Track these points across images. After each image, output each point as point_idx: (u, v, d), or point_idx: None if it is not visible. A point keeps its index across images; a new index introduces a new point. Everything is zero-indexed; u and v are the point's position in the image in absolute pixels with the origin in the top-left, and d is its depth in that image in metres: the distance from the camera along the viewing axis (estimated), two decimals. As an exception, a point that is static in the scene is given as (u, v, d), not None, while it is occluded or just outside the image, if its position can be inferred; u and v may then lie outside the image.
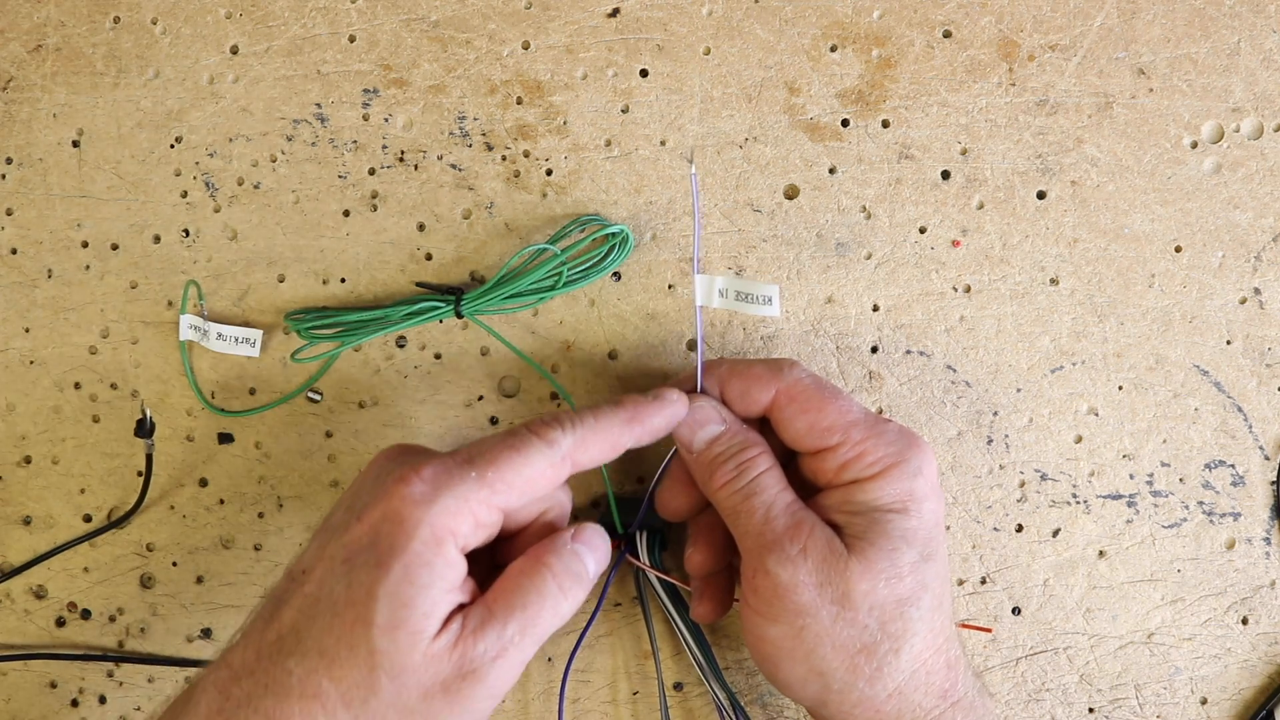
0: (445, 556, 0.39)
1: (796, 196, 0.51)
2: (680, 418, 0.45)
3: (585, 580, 0.42)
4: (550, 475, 0.41)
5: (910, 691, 0.42)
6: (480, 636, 0.39)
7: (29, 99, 0.53)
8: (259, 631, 0.40)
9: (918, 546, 0.42)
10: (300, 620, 0.39)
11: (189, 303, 0.52)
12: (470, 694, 0.39)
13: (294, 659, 0.39)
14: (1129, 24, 0.51)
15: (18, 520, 0.54)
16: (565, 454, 0.41)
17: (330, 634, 0.39)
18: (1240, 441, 0.51)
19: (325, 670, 0.38)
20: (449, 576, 0.39)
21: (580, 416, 0.43)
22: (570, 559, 0.42)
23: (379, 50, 0.52)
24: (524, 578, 0.41)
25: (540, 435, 0.41)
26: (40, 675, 0.53)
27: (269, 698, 0.38)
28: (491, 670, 0.39)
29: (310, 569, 0.40)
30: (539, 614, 0.40)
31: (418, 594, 0.38)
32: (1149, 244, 0.51)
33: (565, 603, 0.41)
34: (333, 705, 0.38)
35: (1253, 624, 0.51)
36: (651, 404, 0.44)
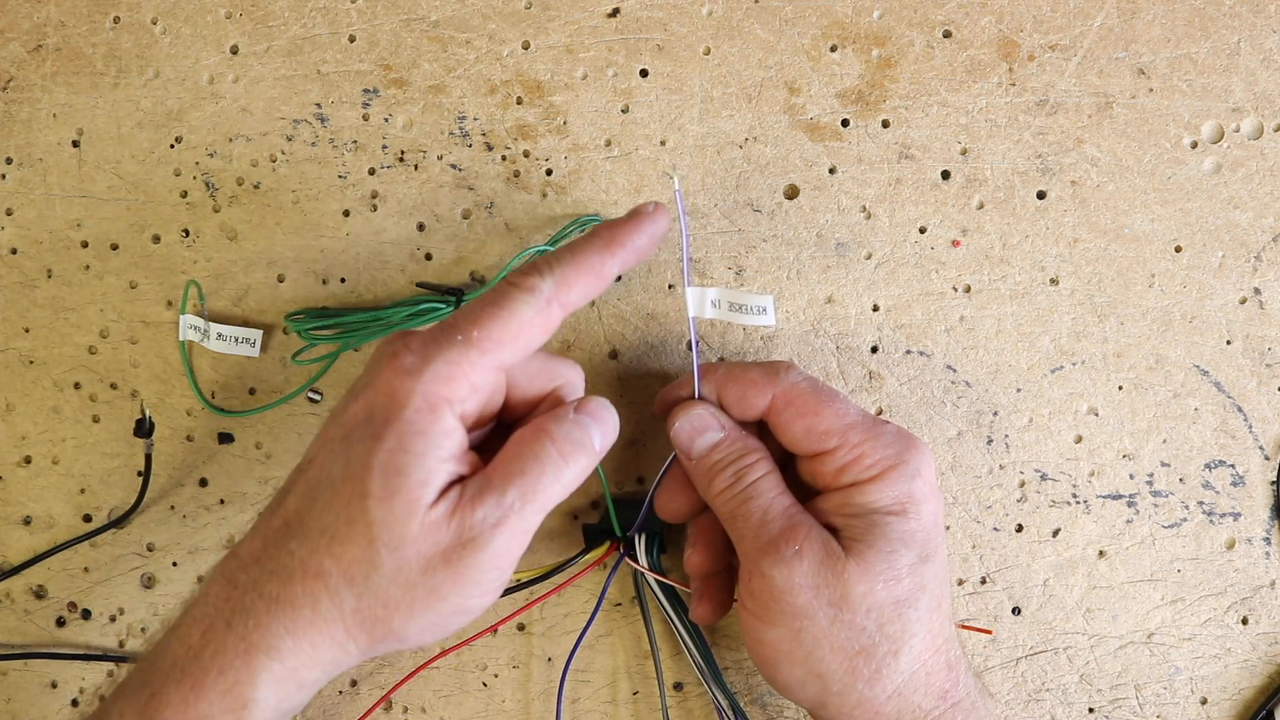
0: (441, 424, 0.39)
1: (796, 196, 0.51)
2: (662, 231, 0.43)
3: (588, 449, 0.41)
4: (539, 322, 0.40)
5: (910, 693, 0.42)
6: (479, 503, 0.38)
7: (29, 99, 0.53)
8: (265, 522, 0.40)
9: (916, 548, 0.42)
10: (303, 504, 0.39)
11: (189, 303, 0.52)
12: (472, 563, 0.38)
13: (296, 540, 0.39)
14: (1129, 24, 0.51)
15: (18, 520, 0.54)
16: (549, 296, 0.40)
17: (330, 511, 0.38)
18: (1240, 441, 0.51)
19: (326, 549, 0.38)
20: (446, 445, 0.39)
21: (558, 256, 0.42)
22: (572, 427, 0.41)
23: (379, 50, 0.52)
24: (524, 445, 0.40)
25: (519, 285, 0.40)
26: (40, 675, 0.54)
27: (273, 581, 0.38)
28: (493, 538, 0.38)
29: (313, 456, 0.40)
30: (539, 480, 0.39)
31: (412, 462, 0.38)
32: (1149, 244, 0.51)
33: (567, 469, 0.40)
34: (335, 583, 0.38)
35: (1253, 624, 0.51)
36: (627, 223, 0.43)
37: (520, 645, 0.52)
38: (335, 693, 0.52)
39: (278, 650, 0.38)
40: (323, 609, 0.38)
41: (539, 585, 0.50)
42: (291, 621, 0.38)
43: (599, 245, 0.42)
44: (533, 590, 0.51)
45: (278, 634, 0.38)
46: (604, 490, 0.50)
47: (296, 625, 0.38)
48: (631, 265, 0.43)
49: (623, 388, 0.52)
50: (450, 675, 0.52)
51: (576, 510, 0.52)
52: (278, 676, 0.38)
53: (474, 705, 0.52)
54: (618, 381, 0.52)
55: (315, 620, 0.38)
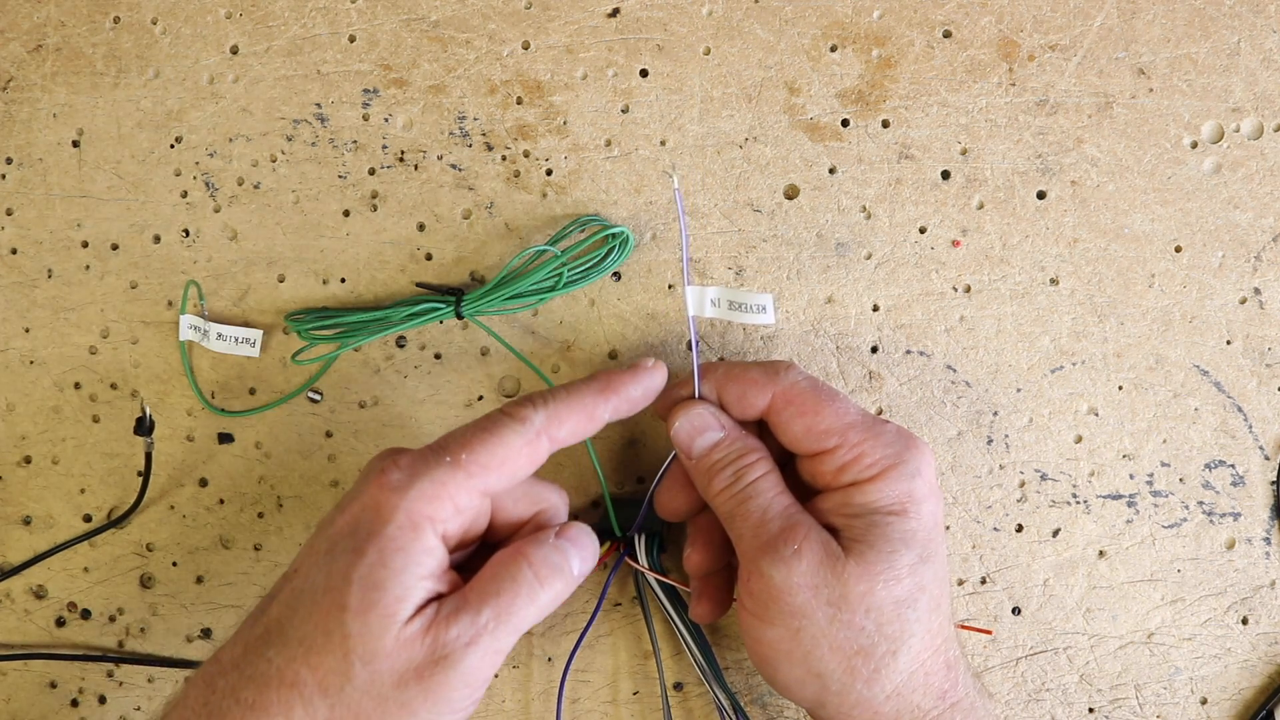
0: (422, 542, 0.39)
1: (796, 196, 0.51)
2: (659, 387, 0.45)
3: (566, 574, 0.42)
4: (527, 453, 0.41)
5: (909, 693, 0.42)
6: (453, 622, 0.39)
7: (29, 99, 0.53)
8: (248, 628, 0.41)
9: (916, 548, 0.42)
10: (284, 613, 0.40)
11: (189, 303, 0.52)
12: (444, 680, 0.39)
13: (274, 648, 0.39)
14: (1129, 24, 0.51)
15: (18, 520, 0.54)
16: (539, 430, 0.41)
17: (309, 622, 0.39)
18: (1240, 441, 0.51)
19: (303, 658, 0.39)
20: (426, 563, 0.39)
21: (553, 393, 0.43)
22: (551, 551, 0.42)
23: (379, 50, 0.52)
24: (501, 567, 0.41)
25: (512, 415, 0.42)
26: (40, 675, 0.54)
27: (250, 688, 0.39)
28: (465, 656, 0.39)
29: (299, 566, 0.41)
30: (514, 602, 0.40)
31: (390, 577, 0.39)
32: (1149, 244, 0.51)
33: (543, 593, 0.41)
34: (309, 693, 0.38)
35: (1253, 624, 0.51)
36: (625, 374, 0.44)
37: (520, 645, 0.52)
38: (335, 693, 0.52)
39: None
40: (295, 717, 0.38)
41: (539, 585, 0.50)
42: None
43: (595, 389, 0.43)
44: (533, 590, 0.51)
45: None
46: (603, 490, 0.50)
47: None
48: (623, 414, 0.44)
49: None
50: (450, 675, 0.52)
51: (576, 511, 0.52)
52: None
53: (474, 705, 0.52)
54: (618, 381, 0.52)
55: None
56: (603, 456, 0.52)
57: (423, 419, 0.52)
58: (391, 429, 0.52)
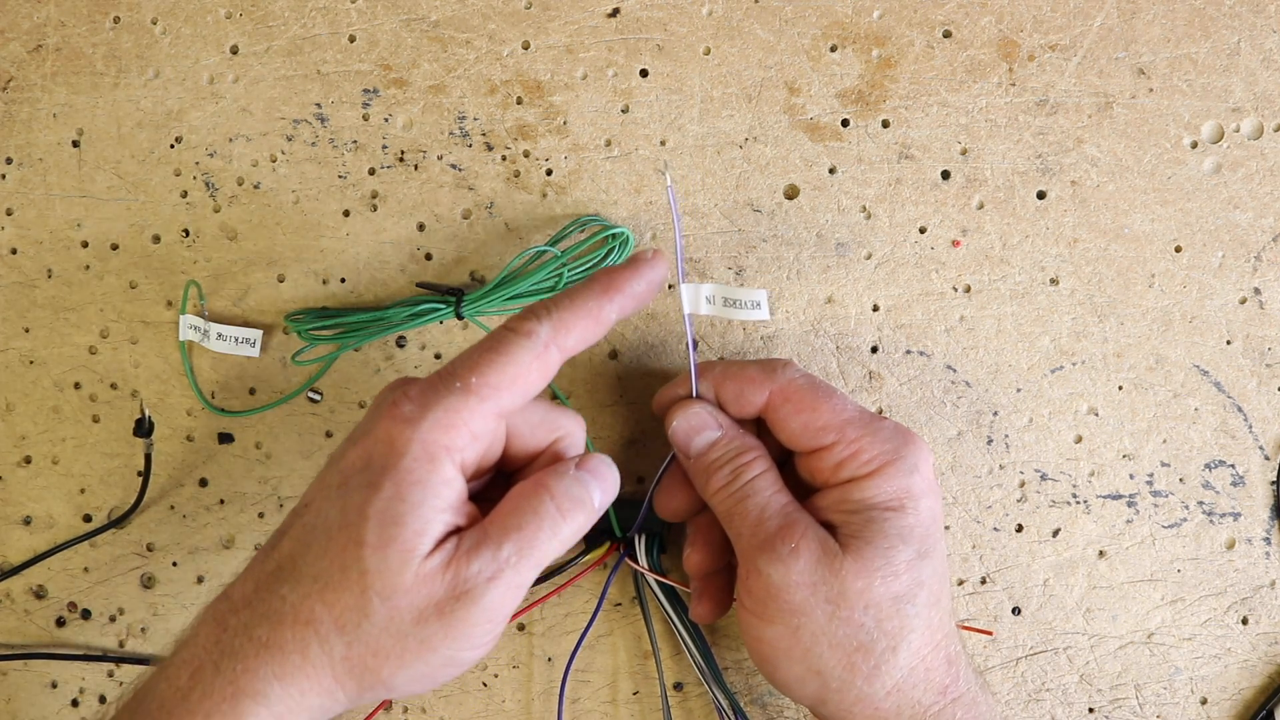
0: (440, 474, 0.38)
1: (796, 196, 0.51)
2: (661, 279, 0.43)
3: (588, 506, 0.41)
4: (537, 367, 0.40)
5: (909, 688, 0.42)
6: (474, 556, 0.38)
7: (29, 99, 0.53)
8: (259, 564, 0.40)
9: (914, 544, 0.42)
10: (297, 549, 0.39)
11: (189, 303, 0.52)
12: (465, 616, 0.38)
13: (288, 585, 0.38)
14: (1129, 24, 0.51)
15: (18, 520, 0.54)
16: (546, 341, 0.40)
17: (324, 558, 0.38)
18: (1240, 441, 0.51)
19: (318, 595, 0.38)
20: (444, 495, 0.39)
21: (555, 301, 0.41)
22: (572, 483, 0.41)
23: (379, 50, 0.52)
24: (522, 499, 0.40)
25: (517, 330, 0.40)
26: (40, 675, 0.53)
27: (263, 625, 0.38)
28: (486, 591, 0.38)
29: (310, 501, 0.40)
30: (536, 535, 0.39)
31: (409, 511, 0.38)
32: (1149, 244, 0.51)
33: (565, 526, 0.40)
34: (326, 630, 0.38)
35: (1253, 624, 0.51)
36: (626, 269, 0.43)
37: (520, 645, 0.52)
38: (335, 693, 0.52)
39: (265, 696, 0.38)
40: (312, 655, 0.38)
41: (539, 586, 0.50)
42: (280, 667, 0.38)
43: (597, 290, 0.42)
44: (533, 591, 0.51)
45: (265, 679, 0.38)
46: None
47: (285, 671, 0.38)
48: (630, 312, 0.43)
49: (622, 388, 0.52)
50: (450, 675, 0.52)
51: (576, 510, 0.52)
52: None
53: (474, 705, 0.52)
54: (617, 381, 0.52)
55: (304, 667, 0.38)
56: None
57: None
58: (391, 429, 0.52)
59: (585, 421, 0.45)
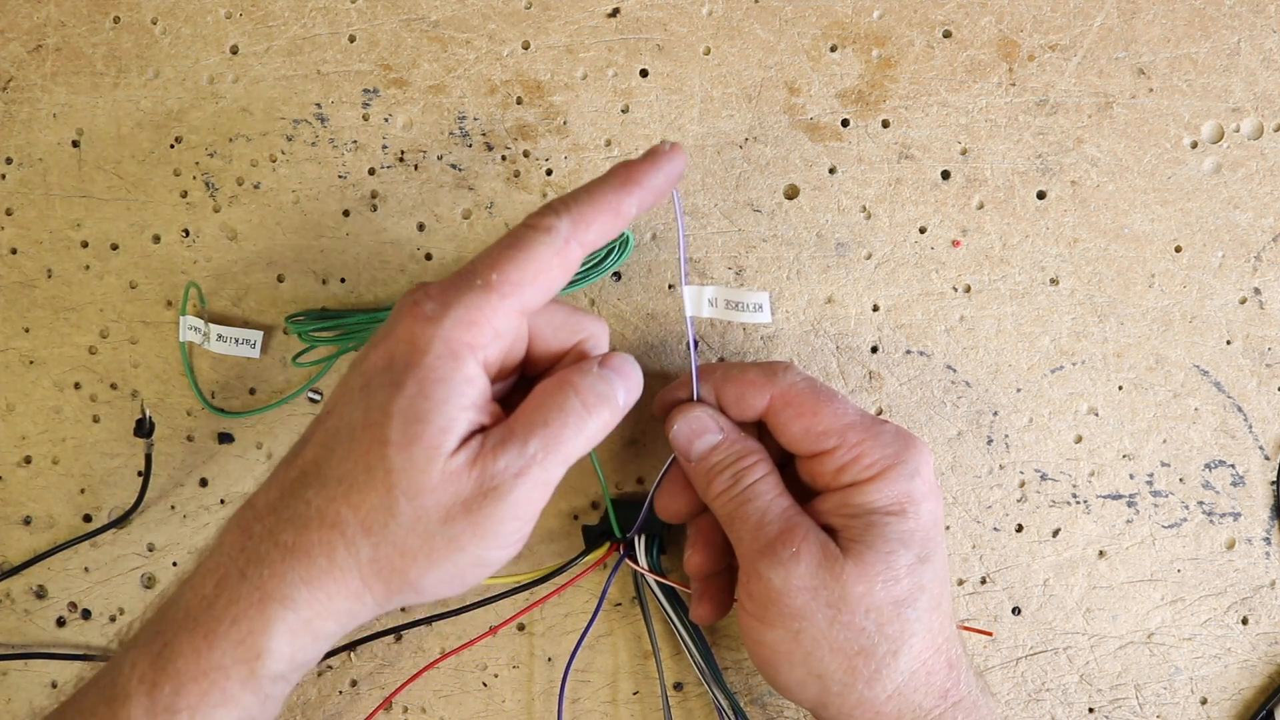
0: (463, 371, 0.38)
1: (796, 196, 0.51)
2: (679, 170, 0.42)
3: (612, 402, 0.40)
4: (558, 263, 0.39)
5: (910, 692, 0.42)
6: (501, 452, 0.38)
7: (29, 99, 0.53)
8: (283, 471, 0.39)
9: (915, 548, 0.42)
10: (321, 453, 0.39)
11: (189, 304, 0.52)
12: (492, 513, 0.37)
13: (313, 489, 0.38)
14: (1129, 24, 0.51)
15: (18, 520, 0.54)
16: (566, 236, 0.39)
17: (349, 459, 0.38)
18: (1240, 441, 0.51)
19: (344, 497, 0.37)
20: (468, 392, 0.38)
21: (574, 195, 0.40)
22: (596, 380, 0.40)
23: (379, 50, 0.52)
24: (547, 396, 0.40)
25: (536, 226, 0.39)
26: (40, 675, 0.54)
27: (289, 530, 0.38)
28: (514, 488, 0.37)
29: (333, 406, 0.39)
30: (562, 431, 0.39)
31: (433, 409, 0.37)
32: (1149, 244, 0.51)
33: (591, 421, 0.40)
34: (352, 532, 0.37)
35: (1253, 624, 0.51)
36: (644, 162, 0.41)
37: (520, 645, 0.52)
38: (336, 693, 0.52)
39: (292, 600, 0.37)
40: (339, 558, 0.37)
41: (540, 586, 0.50)
42: (307, 571, 0.37)
43: (616, 183, 0.41)
44: (533, 591, 0.51)
45: (293, 583, 0.37)
46: (603, 491, 0.50)
47: (312, 575, 0.37)
48: (649, 205, 0.42)
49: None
50: (450, 675, 0.52)
51: (576, 511, 0.52)
52: (292, 627, 0.38)
53: (474, 705, 0.52)
54: (618, 381, 0.52)
55: (331, 570, 0.37)
56: (603, 458, 0.52)
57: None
58: (391, 429, 0.52)
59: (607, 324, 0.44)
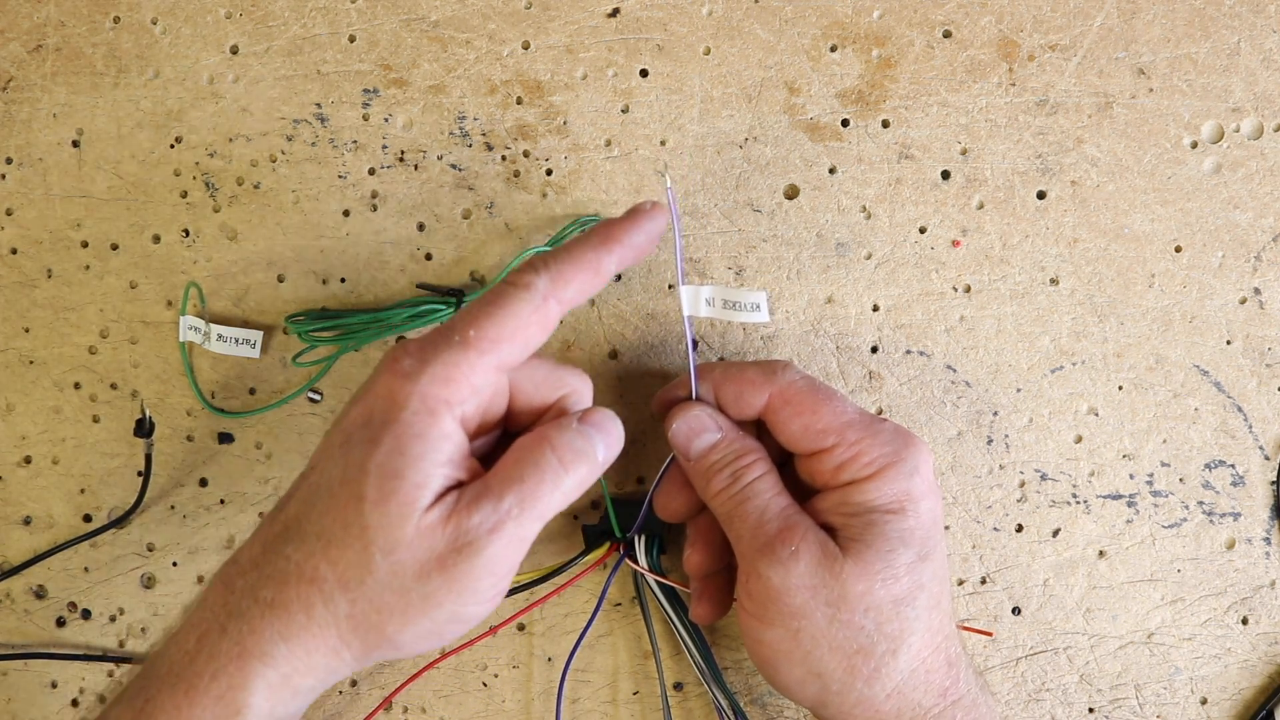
0: (440, 427, 0.38)
1: (796, 196, 0.51)
2: (659, 230, 0.43)
3: (590, 458, 0.40)
4: (537, 320, 0.40)
5: (909, 691, 0.42)
6: (476, 508, 0.38)
7: (29, 99, 0.53)
8: (266, 527, 0.40)
9: (914, 547, 0.42)
10: (301, 509, 0.39)
11: (189, 304, 0.52)
12: (467, 569, 0.38)
13: (293, 545, 0.38)
14: (1129, 24, 0.51)
15: (18, 520, 0.54)
16: (545, 293, 0.40)
17: (327, 515, 0.38)
18: (1240, 441, 0.51)
19: (322, 553, 0.38)
20: (443, 448, 0.38)
21: (554, 254, 0.41)
22: (575, 436, 0.41)
23: (379, 50, 0.52)
24: (524, 452, 0.40)
25: (515, 283, 0.40)
26: (40, 675, 0.54)
27: (269, 586, 0.38)
28: (489, 543, 0.38)
29: (315, 463, 0.40)
30: (538, 487, 0.39)
31: (408, 465, 0.38)
32: (1149, 244, 0.51)
33: (567, 477, 0.40)
34: (330, 588, 0.38)
35: (1253, 624, 0.51)
36: (624, 221, 0.42)
37: (520, 645, 0.52)
38: (335, 693, 0.52)
39: (271, 656, 0.38)
40: (316, 614, 0.38)
41: (539, 586, 0.50)
42: (285, 627, 0.38)
43: (596, 242, 0.41)
44: (533, 591, 0.51)
45: (271, 639, 0.38)
46: (603, 491, 0.50)
47: (290, 631, 0.38)
48: (629, 264, 0.42)
49: (623, 388, 0.52)
50: (450, 675, 0.52)
51: (576, 511, 0.52)
52: (271, 683, 0.38)
53: (474, 705, 0.52)
54: (618, 381, 0.52)
55: (309, 626, 0.38)
56: (603, 456, 0.51)
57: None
58: (391, 429, 0.52)
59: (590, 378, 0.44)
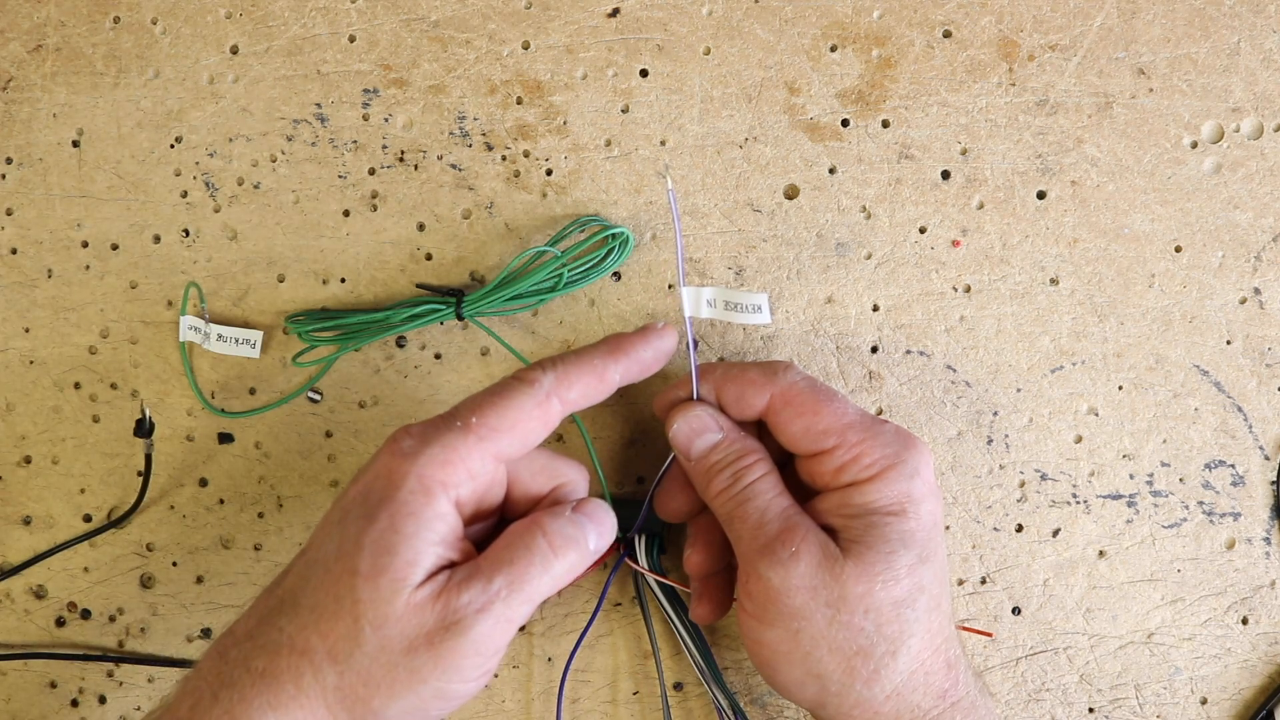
0: (434, 508, 0.39)
1: (796, 196, 0.51)
2: (669, 351, 0.45)
3: (582, 546, 0.42)
4: (538, 415, 0.42)
5: (908, 693, 0.42)
6: (465, 588, 0.39)
7: (29, 99, 0.53)
8: (263, 601, 0.41)
9: (915, 549, 0.42)
10: (297, 583, 0.40)
11: (189, 304, 0.52)
12: (454, 647, 0.38)
13: (286, 617, 0.39)
14: (1129, 24, 0.51)
15: (18, 520, 0.54)
16: (549, 392, 0.42)
17: (321, 589, 0.39)
18: (1240, 441, 0.51)
19: (314, 625, 0.39)
20: (438, 528, 0.40)
21: (563, 356, 0.43)
22: (566, 524, 0.42)
23: (379, 50, 0.52)
24: (515, 536, 0.41)
25: (521, 379, 0.42)
26: (40, 675, 0.54)
27: (261, 656, 0.39)
28: (476, 623, 0.39)
29: (313, 539, 0.41)
30: (528, 570, 0.40)
31: (402, 542, 0.39)
32: (1149, 244, 0.51)
33: (557, 562, 0.41)
34: (320, 660, 0.39)
35: (1253, 624, 0.51)
36: (635, 336, 0.45)
37: (520, 645, 0.52)
38: (335, 693, 0.52)
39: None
40: (305, 685, 0.39)
41: (539, 585, 0.50)
42: (275, 696, 0.39)
43: (604, 351, 0.44)
44: (533, 590, 0.51)
45: (260, 709, 0.38)
46: (604, 491, 0.50)
47: (279, 701, 0.39)
48: (634, 378, 0.45)
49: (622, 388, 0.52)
50: (450, 675, 0.52)
51: (576, 510, 0.52)
52: None
53: (474, 705, 0.52)
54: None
55: (298, 696, 0.39)
56: (603, 457, 0.52)
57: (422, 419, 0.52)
58: (391, 429, 0.52)
59: (587, 471, 0.46)
